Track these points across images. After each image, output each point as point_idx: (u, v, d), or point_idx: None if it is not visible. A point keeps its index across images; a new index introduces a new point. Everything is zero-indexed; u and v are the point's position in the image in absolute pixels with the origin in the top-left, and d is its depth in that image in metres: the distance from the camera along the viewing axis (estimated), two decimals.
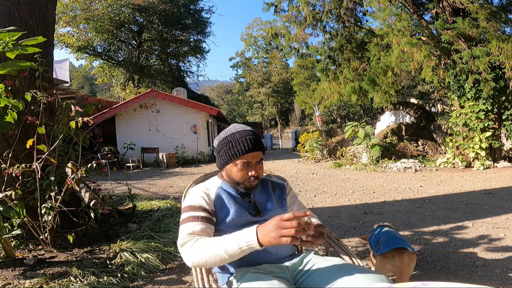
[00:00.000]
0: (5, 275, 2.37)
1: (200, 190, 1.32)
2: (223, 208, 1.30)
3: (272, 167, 10.50)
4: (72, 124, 2.70)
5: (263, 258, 1.27)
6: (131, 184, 7.27)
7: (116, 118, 13.63)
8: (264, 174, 1.52)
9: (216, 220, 1.29)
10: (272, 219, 1.05)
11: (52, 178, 2.77)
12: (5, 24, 2.92)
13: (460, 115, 8.17)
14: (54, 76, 6.07)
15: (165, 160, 12.32)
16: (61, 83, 12.67)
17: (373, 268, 2.14)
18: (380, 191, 5.64)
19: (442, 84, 8.95)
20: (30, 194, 2.78)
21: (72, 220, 2.95)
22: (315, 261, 1.27)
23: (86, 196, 3.46)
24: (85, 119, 2.69)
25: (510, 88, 7.40)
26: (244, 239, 1.05)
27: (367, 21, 11.05)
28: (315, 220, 1.37)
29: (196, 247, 1.12)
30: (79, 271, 2.39)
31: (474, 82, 7.61)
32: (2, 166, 2.60)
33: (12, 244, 2.70)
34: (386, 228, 2.16)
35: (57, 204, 2.70)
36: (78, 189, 2.80)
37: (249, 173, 1.30)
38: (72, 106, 2.83)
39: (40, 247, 2.91)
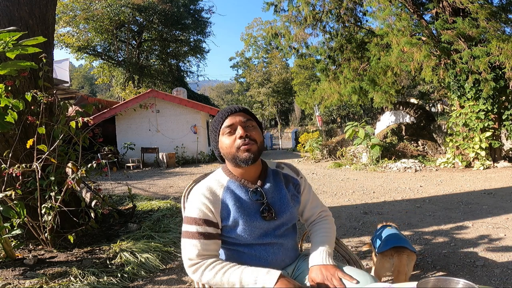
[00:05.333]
0: (5, 275, 2.37)
1: (204, 197, 1.17)
2: (232, 218, 1.17)
3: None
4: (72, 124, 2.70)
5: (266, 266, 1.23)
6: (131, 184, 7.27)
7: (116, 118, 13.63)
8: (274, 164, 1.38)
9: (224, 229, 1.20)
10: (296, 284, 1.04)
11: (52, 178, 2.76)
12: (5, 24, 2.92)
13: (460, 115, 8.16)
14: (54, 76, 6.07)
15: (165, 160, 12.32)
16: (61, 83, 12.68)
17: (373, 268, 2.14)
18: (380, 191, 5.64)
19: (442, 84, 8.94)
20: (30, 194, 2.78)
21: (72, 220, 2.95)
22: (305, 265, 1.27)
23: (87, 196, 3.46)
24: (85, 119, 2.69)
25: (510, 88, 7.39)
26: (263, 279, 1.04)
27: (367, 21, 11.07)
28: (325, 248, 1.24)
29: (209, 272, 1.10)
30: (79, 271, 2.39)
31: (474, 82, 7.61)
32: (2, 166, 2.59)
33: (12, 244, 2.70)
34: (389, 228, 2.16)
35: (57, 204, 2.70)
36: (78, 189, 2.80)
37: (237, 136, 1.17)
38: (72, 106, 2.83)
39: (40, 247, 2.91)
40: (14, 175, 2.56)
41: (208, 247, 1.13)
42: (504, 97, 7.70)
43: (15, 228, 2.43)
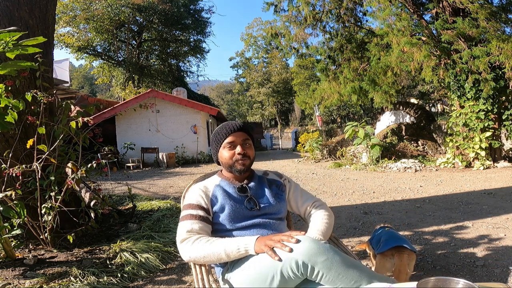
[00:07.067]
0: (5, 275, 2.37)
1: (199, 189, 1.43)
2: (219, 204, 1.38)
3: (272, 167, 10.50)
4: (73, 124, 2.69)
5: None
6: (131, 184, 7.27)
7: (116, 118, 13.62)
8: (261, 172, 1.62)
9: (213, 216, 1.39)
10: (278, 234, 1.18)
11: (52, 178, 2.76)
12: (5, 24, 2.92)
13: (460, 115, 8.16)
14: (54, 76, 6.06)
15: (165, 160, 12.32)
16: (61, 83, 12.68)
17: (373, 268, 2.14)
18: (380, 191, 5.64)
19: (442, 84, 8.94)
20: (30, 194, 2.78)
21: (72, 220, 2.95)
22: None
23: (86, 196, 3.46)
24: (85, 119, 2.69)
25: (510, 88, 7.39)
26: (244, 243, 1.19)
27: (367, 21, 11.05)
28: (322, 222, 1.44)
29: (197, 244, 1.24)
30: (79, 271, 2.39)
31: (474, 82, 7.61)
32: (2, 166, 2.59)
33: (12, 244, 2.70)
34: (387, 229, 2.16)
35: (57, 204, 2.70)
36: (78, 189, 2.80)
37: (236, 152, 1.43)
38: (72, 106, 2.83)
39: (40, 247, 2.91)
40: (14, 175, 2.56)
41: (199, 226, 1.31)
42: (504, 97, 7.69)
43: (15, 228, 2.43)
